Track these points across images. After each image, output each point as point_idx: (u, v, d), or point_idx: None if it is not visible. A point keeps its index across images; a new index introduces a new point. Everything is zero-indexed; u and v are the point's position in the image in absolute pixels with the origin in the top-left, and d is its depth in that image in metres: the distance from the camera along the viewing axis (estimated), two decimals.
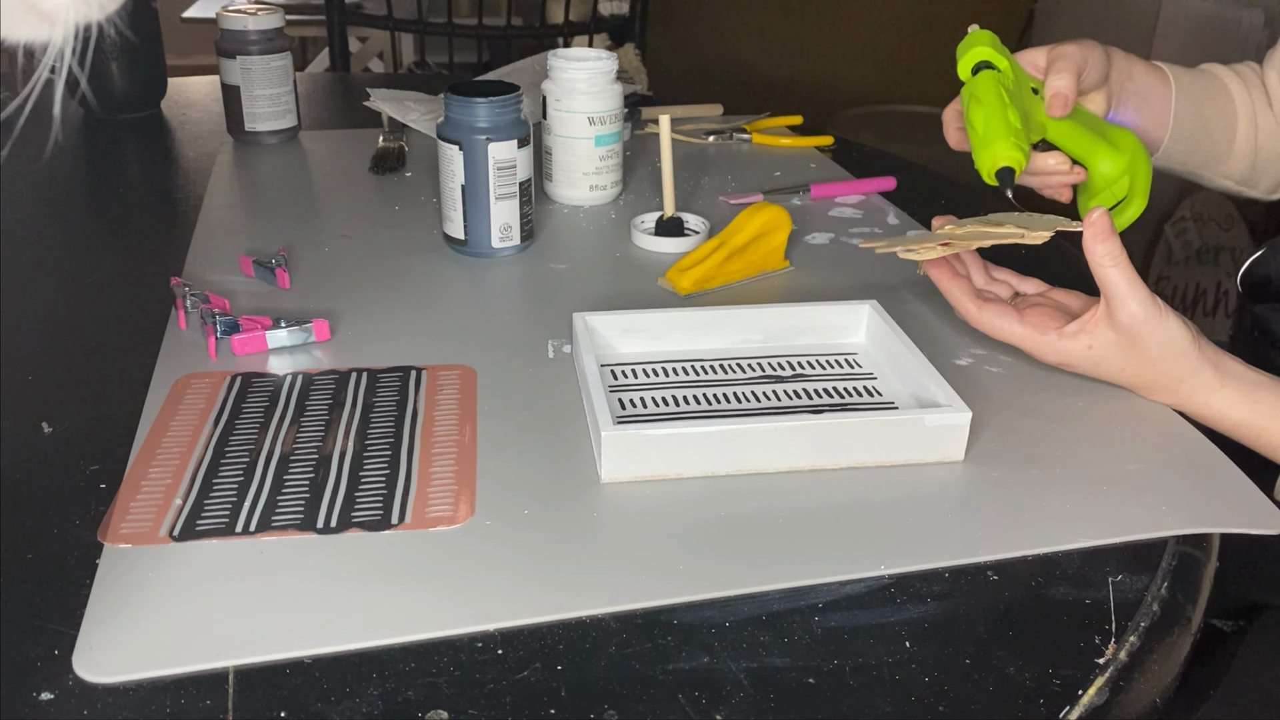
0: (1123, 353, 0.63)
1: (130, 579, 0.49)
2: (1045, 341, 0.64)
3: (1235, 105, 0.85)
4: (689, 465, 0.58)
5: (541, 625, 0.47)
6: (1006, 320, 0.66)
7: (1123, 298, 0.61)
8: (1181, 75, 0.84)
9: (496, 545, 0.52)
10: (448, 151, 0.83)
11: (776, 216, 0.84)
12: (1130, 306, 0.61)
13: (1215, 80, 0.86)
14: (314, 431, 0.61)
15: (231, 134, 1.15)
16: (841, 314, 0.72)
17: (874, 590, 0.50)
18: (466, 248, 0.85)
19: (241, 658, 0.45)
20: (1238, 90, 0.86)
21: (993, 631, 0.48)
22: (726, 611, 0.48)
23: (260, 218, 0.94)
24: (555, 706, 0.43)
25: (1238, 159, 0.86)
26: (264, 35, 1.11)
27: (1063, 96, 0.74)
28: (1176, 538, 0.54)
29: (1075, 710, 0.44)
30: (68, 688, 0.43)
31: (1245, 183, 0.88)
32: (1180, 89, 0.83)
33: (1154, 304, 0.61)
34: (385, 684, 0.44)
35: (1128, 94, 0.81)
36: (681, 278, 0.80)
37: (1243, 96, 0.85)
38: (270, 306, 0.76)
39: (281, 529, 0.53)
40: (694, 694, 0.44)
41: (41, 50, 0.34)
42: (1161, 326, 0.61)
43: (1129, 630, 0.48)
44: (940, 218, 0.72)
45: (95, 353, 0.70)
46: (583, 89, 0.94)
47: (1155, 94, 0.82)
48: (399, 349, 0.70)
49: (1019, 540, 0.53)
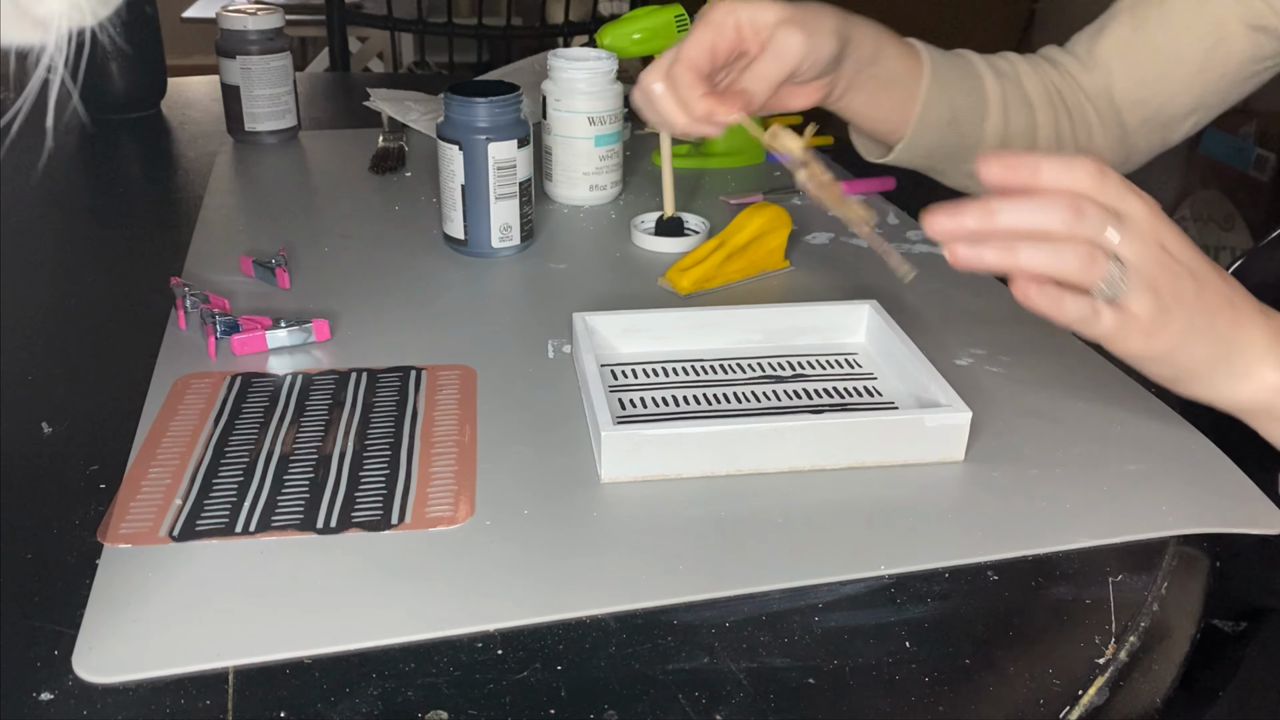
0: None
1: (130, 579, 0.49)
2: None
3: (988, 100, 0.79)
4: (689, 465, 0.57)
5: (541, 625, 0.47)
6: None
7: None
8: (938, 62, 0.76)
9: (496, 545, 0.52)
10: (448, 151, 0.83)
11: (776, 216, 0.84)
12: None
13: (970, 70, 0.79)
14: (314, 431, 0.61)
15: (231, 134, 1.15)
16: (841, 314, 0.72)
17: (874, 590, 0.50)
18: (466, 248, 0.85)
19: (241, 658, 0.45)
20: (991, 85, 0.79)
21: (993, 631, 0.48)
22: (726, 611, 0.48)
23: (260, 218, 0.94)
24: (555, 706, 0.43)
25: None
26: (264, 35, 1.11)
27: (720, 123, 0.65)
28: (1176, 538, 0.54)
29: (1075, 710, 0.44)
30: (68, 688, 0.43)
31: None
32: (935, 78, 0.76)
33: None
34: (385, 684, 0.44)
35: (862, 81, 0.73)
36: (681, 278, 0.80)
37: (995, 92, 0.79)
38: (270, 306, 0.76)
39: (281, 529, 0.53)
40: (694, 694, 0.44)
41: (35, 56, 0.34)
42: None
43: (1129, 630, 0.48)
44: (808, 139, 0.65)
45: (95, 353, 0.70)
46: (583, 89, 0.94)
47: (900, 83, 0.75)
48: (399, 349, 0.70)
49: (1019, 540, 0.53)
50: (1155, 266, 0.52)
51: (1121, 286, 0.51)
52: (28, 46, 0.34)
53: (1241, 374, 0.55)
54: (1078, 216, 0.50)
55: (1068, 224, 0.50)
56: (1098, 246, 0.51)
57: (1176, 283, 0.52)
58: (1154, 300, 0.52)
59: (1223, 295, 0.54)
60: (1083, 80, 0.82)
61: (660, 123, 0.66)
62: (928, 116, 0.76)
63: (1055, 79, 0.82)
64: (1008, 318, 0.78)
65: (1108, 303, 0.51)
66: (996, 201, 0.50)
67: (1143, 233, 0.52)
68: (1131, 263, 0.51)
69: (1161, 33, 0.78)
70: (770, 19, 0.65)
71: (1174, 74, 0.79)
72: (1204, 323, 0.53)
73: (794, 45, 0.64)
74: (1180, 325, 0.53)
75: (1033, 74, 0.81)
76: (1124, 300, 0.52)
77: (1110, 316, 0.52)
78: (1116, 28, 0.80)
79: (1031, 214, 0.50)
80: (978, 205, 0.51)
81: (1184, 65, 0.78)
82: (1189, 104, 0.80)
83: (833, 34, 0.67)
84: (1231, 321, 0.54)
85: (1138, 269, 0.51)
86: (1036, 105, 0.80)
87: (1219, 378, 0.55)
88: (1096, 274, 0.51)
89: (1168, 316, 0.52)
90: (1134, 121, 0.82)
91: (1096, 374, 0.70)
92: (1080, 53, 0.82)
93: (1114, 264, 0.51)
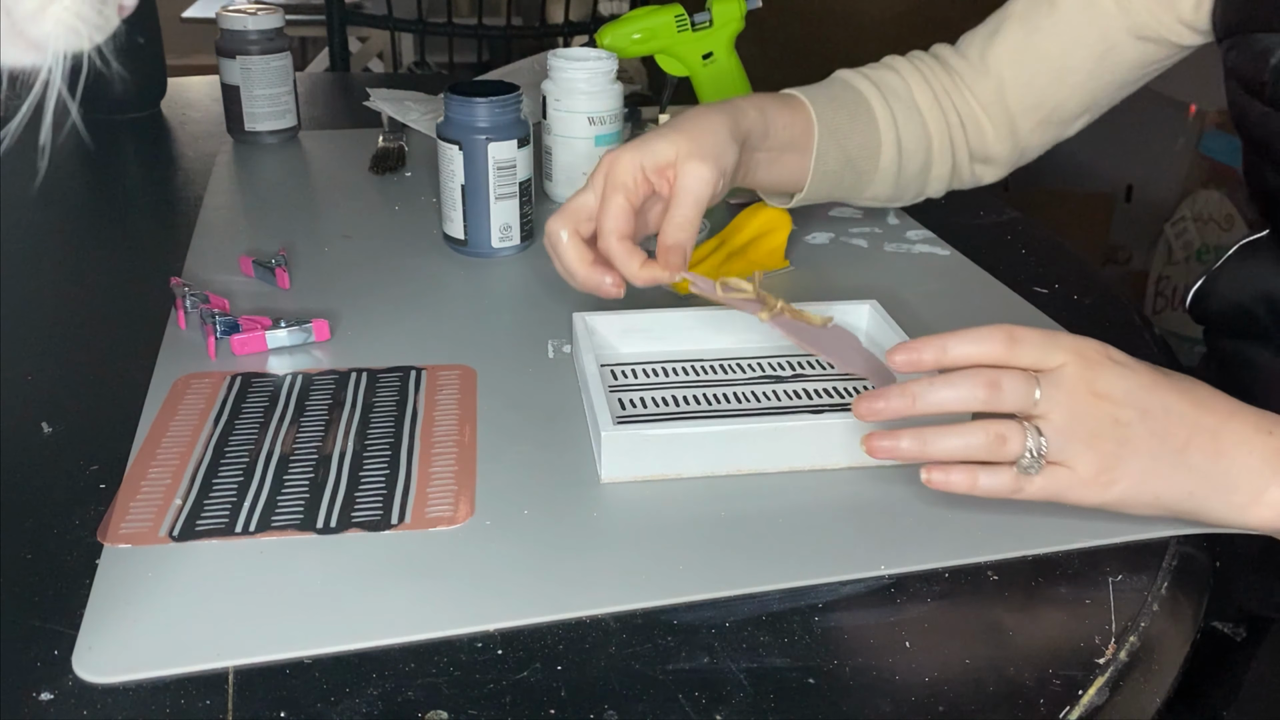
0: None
1: (130, 579, 0.49)
2: None
3: (880, 132, 0.80)
4: (689, 465, 0.58)
5: (541, 625, 0.47)
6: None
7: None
8: (825, 112, 0.78)
9: (496, 545, 0.52)
10: (448, 151, 0.83)
11: (776, 216, 0.84)
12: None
13: (860, 104, 0.80)
14: (314, 431, 0.61)
15: (231, 134, 1.15)
16: (841, 314, 0.72)
17: (874, 590, 0.50)
18: (466, 248, 0.85)
19: (241, 658, 0.45)
20: (882, 115, 0.80)
21: (993, 631, 0.48)
22: (726, 611, 0.48)
23: (260, 218, 0.94)
24: (555, 707, 0.43)
25: (881, 183, 0.83)
26: (264, 35, 1.11)
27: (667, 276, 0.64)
28: (1176, 538, 0.54)
29: (1075, 710, 0.44)
30: (68, 688, 0.43)
31: (890, 200, 0.85)
32: (824, 131, 0.77)
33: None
34: (385, 684, 0.44)
35: (757, 159, 0.74)
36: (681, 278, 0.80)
37: (886, 120, 0.80)
38: (270, 306, 0.76)
39: (281, 529, 0.53)
40: (694, 694, 0.44)
41: (30, 77, 0.34)
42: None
43: (1129, 630, 0.48)
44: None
45: (95, 353, 0.70)
46: (583, 89, 0.94)
47: (793, 145, 0.76)
48: (399, 349, 0.70)
49: (1019, 540, 0.53)
50: (1087, 418, 0.50)
51: (1040, 455, 0.50)
52: (22, 68, 0.34)
53: (1247, 503, 0.51)
54: (994, 390, 0.50)
55: (986, 400, 0.50)
56: (1019, 417, 0.51)
57: (1119, 429, 0.50)
58: (1092, 452, 0.50)
59: (1193, 426, 0.51)
60: (975, 86, 0.83)
61: (594, 289, 0.65)
62: (822, 167, 0.78)
63: (946, 84, 0.84)
64: (1007, 318, 0.78)
65: (1039, 468, 0.51)
66: (915, 385, 0.51)
67: (1069, 386, 0.50)
68: (1058, 420, 0.50)
69: (1052, 42, 0.80)
70: (670, 156, 0.64)
71: (1065, 81, 0.81)
72: (1170, 460, 0.51)
73: (703, 180, 0.64)
74: (1138, 469, 0.51)
75: (922, 83, 0.83)
76: (1061, 459, 0.51)
77: (1043, 480, 0.51)
78: (1008, 35, 0.82)
79: (949, 394, 0.51)
80: (898, 390, 0.52)
81: (1074, 73, 0.80)
82: (1080, 106, 0.82)
83: (729, 142, 0.67)
84: (1211, 452, 0.51)
85: (1067, 425, 0.50)
86: (928, 116, 0.83)
87: (1216, 509, 0.52)
88: (1010, 451, 0.50)
89: (1117, 464, 0.50)
90: (1027, 125, 0.84)
91: None
92: (973, 57, 0.84)
93: (1032, 433, 0.50)
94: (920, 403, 0.51)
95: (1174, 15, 0.76)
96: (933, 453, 0.51)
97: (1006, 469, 0.51)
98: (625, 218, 0.63)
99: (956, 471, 0.51)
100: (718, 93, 1.05)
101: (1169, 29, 0.76)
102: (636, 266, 0.63)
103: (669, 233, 0.64)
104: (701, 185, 0.64)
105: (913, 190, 0.86)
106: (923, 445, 0.51)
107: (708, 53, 1.03)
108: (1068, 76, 0.80)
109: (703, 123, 0.66)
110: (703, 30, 1.02)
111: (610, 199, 0.63)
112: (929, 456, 0.51)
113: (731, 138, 0.67)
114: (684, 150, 0.64)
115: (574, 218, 0.64)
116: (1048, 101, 0.82)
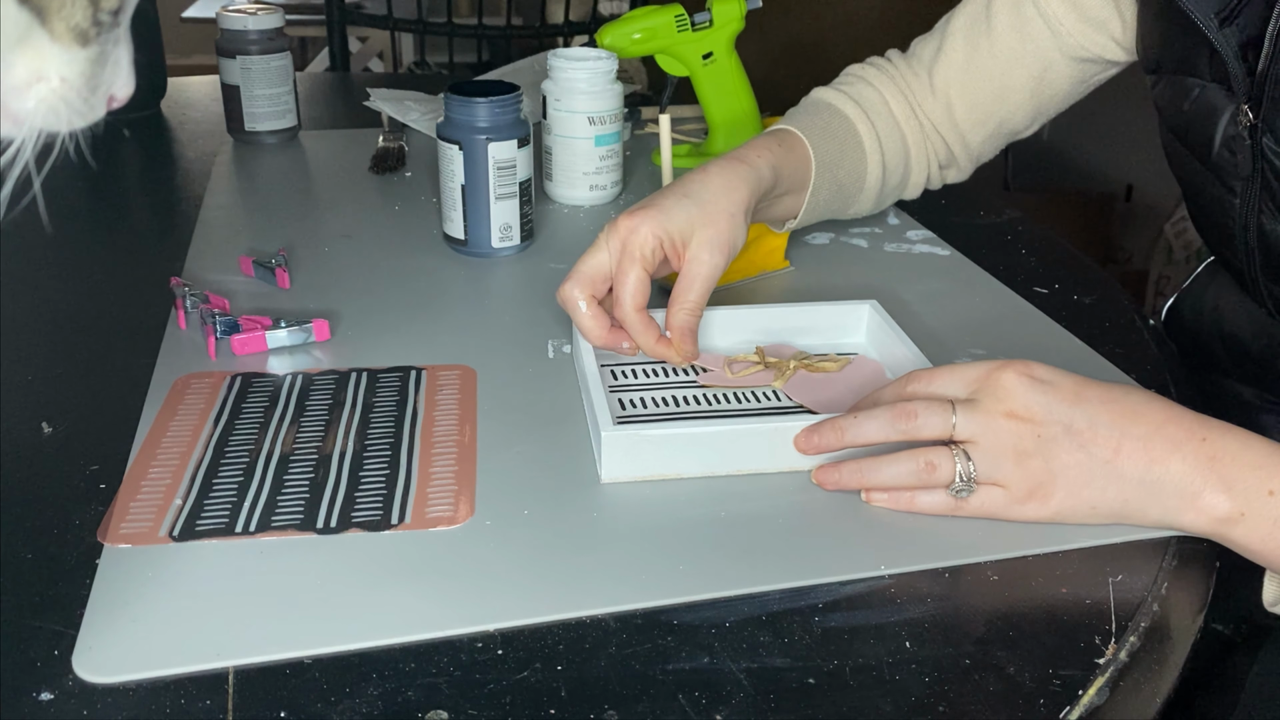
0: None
1: (130, 579, 0.49)
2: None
3: (866, 158, 0.82)
4: (689, 465, 0.58)
5: (541, 625, 0.47)
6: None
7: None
8: (819, 146, 0.79)
9: (496, 545, 0.52)
10: (448, 151, 0.83)
11: None
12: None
13: (848, 131, 0.81)
14: (314, 431, 0.61)
15: (231, 134, 1.15)
16: (841, 314, 0.72)
17: (874, 590, 0.50)
18: (466, 248, 0.85)
19: (241, 658, 0.45)
20: (867, 138, 0.82)
21: (993, 631, 0.48)
22: (726, 611, 0.48)
23: (260, 218, 0.94)
24: (555, 707, 0.43)
25: (865, 200, 0.85)
26: (264, 35, 1.11)
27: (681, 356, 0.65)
28: (1176, 538, 0.54)
29: (1075, 710, 0.44)
30: (68, 688, 0.43)
31: (872, 210, 0.87)
32: (820, 167, 0.78)
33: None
34: (385, 684, 0.44)
35: (765, 206, 0.75)
36: None
37: (871, 143, 0.82)
38: (270, 306, 0.76)
39: (281, 529, 0.53)
40: (694, 694, 0.44)
41: (3, 145, 0.35)
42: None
43: (1129, 630, 0.48)
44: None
45: (95, 353, 0.70)
46: (583, 89, 0.94)
47: (794, 185, 0.77)
48: (399, 349, 0.70)
49: (1019, 540, 0.53)
50: (1009, 439, 0.53)
51: (970, 479, 0.53)
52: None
53: (1181, 506, 0.52)
54: (910, 420, 0.54)
55: (906, 430, 0.54)
56: (945, 442, 0.54)
57: (1044, 445, 0.52)
58: (1021, 471, 0.53)
59: (1122, 435, 0.52)
60: (926, 106, 0.86)
61: (610, 349, 0.67)
62: (816, 199, 0.80)
63: (909, 93, 0.86)
64: (1007, 318, 0.78)
65: (970, 490, 0.53)
66: (843, 420, 0.56)
67: (984, 411, 0.53)
68: (983, 444, 0.53)
69: (992, 63, 0.82)
70: (686, 235, 0.65)
71: (1008, 99, 0.83)
72: (1101, 471, 0.52)
73: (715, 268, 0.65)
74: (1068, 482, 0.53)
75: (897, 94, 0.85)
76: (993, 479, 0.53)
77: (979, 500, 0.54)
78: (952, 55, 0.83)
79: (870, 426, 0.55)
80: (829, 425, 0.56)
81: (1017, 92, 0.82)
82: (1028, 118, 0.85)
83: (742, 224, 0.68)
84: (1143, 460, 0.52)
85: (991, 447, 0.53)
86: (906, 128, 0.85)
87: (1152, 514, 0.53)
88: (941, 476, 0.53)
89: (1049, 479, 0.53)
90: (977, 138, 0.87)
91: (1096, 374, 0.69)
92: (923, 74, 0.85)
93: (960, 458, 0.53)
94: (847, 436, 0.56)
95: (1106, 35, 0.78)
96: (870, 482, 0.55)
97: (940, 490, 0.54)
98: (643, 290, 0.64)
99: (893, 496, 0.55)
100: (718, 93, 1.05)
101: (1103, 48, 0.78)
102: (652, 341, 0.65)
103: (680, 317, 0.65)
104: (713, 272, 0.65)
105: (892, 199, 0.88)
106: (861, 476, 0.55)
107: (708, 53, 1.03)
108: (1010, 95, 0.83)
109: (722, 202, 0.67)
110: (703, 30, 1.02)
111: (629, 270, 0.64)
112: (867, 485, 0.55)
113: (745, 215, 0.68)
114: (700, 237, 0.65)
115: (590, 284, 0.65)
116: (993, 118, 0.84)
